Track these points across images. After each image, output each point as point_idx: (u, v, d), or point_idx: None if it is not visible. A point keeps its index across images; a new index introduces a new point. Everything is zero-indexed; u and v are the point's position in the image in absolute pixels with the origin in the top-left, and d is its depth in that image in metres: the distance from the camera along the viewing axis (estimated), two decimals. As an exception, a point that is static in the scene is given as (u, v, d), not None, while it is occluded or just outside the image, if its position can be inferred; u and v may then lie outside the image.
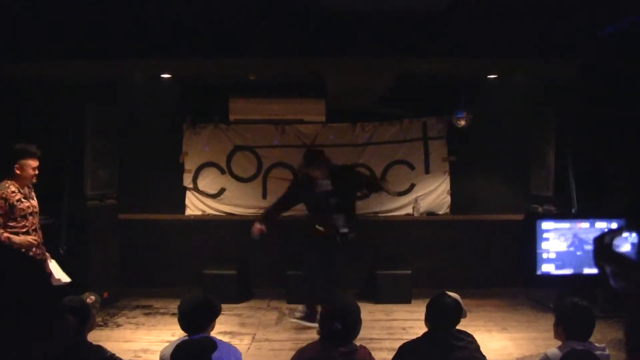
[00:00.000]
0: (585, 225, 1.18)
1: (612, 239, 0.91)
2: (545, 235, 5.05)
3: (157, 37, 4.13)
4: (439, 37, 4.19)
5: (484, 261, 7.15)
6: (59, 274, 4.91)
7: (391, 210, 7.41)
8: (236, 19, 4.10)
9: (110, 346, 3.24)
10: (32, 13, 3.99)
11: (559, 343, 3.23)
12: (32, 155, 4.76)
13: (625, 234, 0.90)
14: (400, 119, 7.35)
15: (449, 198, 7.38)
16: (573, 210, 6.18)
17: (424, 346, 3.07)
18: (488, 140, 7.17)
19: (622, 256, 0.89)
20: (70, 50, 4.18)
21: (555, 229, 6.29)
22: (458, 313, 3.17)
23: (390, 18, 4.06)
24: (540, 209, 6.69)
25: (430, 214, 7.38)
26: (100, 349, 3.10)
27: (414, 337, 3.24)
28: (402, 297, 6.79)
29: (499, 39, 4.19)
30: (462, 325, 3.25)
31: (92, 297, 3.69)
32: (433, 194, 7.39)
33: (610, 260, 0.91)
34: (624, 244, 0.89)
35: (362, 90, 6.30)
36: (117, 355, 3.15)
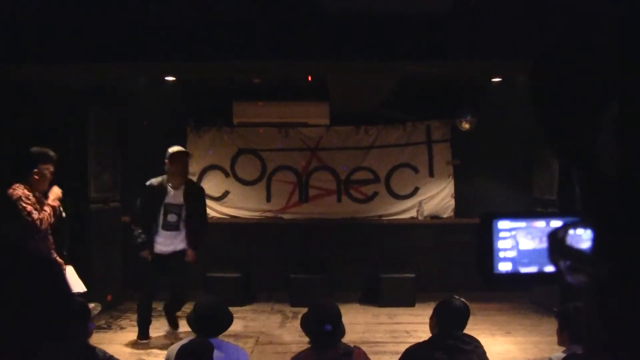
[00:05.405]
0: (541, 224, 1.13)
1: (565, 234, 0.89)
2: (501, 234, 5.02)
3: (160, 40, 4.13)
4: (441, 40, 4.18)
5: (488, 265, 7.12)
6: (74, 282, 4.72)
7: (395, 214, 7.39)
8: (239, 21, 4.10)
9: (113, 349, 3.24)
10: (34, 15, 3.99)
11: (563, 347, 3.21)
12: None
13: (580, 230, 0.87)
14: (404, 122, 7.34)
15: (453, 201, 7.36)
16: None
17: (430, 349, 3.04)
18: (492, 143, 7.16)
19: (577, 251, 0.87)
20: (73, 53, 4.18)
21: (512, 229, 6.28)
22: (467, 316, 3.13)
23: (393, 21, 4.05)
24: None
25: (434, 217, 7.37)
26: (98, 352, 3.09)
27: (418, 340, 3.21)
28: (406, 301, 6.78)
29: (502, 42, 4.17)
30: (466, 329, 3.23)
31: (92, 304, 3.68)
32: (437, 198, 7.37)
33: (566, 256, 0.89)
34: (581, 241, 0.87)
35: (365, 93, 6.29)
36: (116, 357, 3.14)
